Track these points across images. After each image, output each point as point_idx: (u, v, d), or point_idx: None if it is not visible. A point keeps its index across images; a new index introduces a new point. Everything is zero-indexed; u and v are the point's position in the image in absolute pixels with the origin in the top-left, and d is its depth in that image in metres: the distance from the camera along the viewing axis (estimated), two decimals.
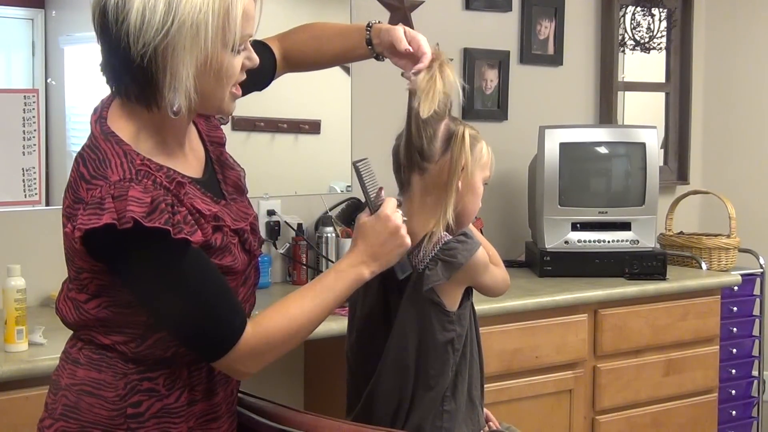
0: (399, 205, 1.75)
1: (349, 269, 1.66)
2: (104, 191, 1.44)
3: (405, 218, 1.72)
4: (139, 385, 1.55)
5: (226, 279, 1.56)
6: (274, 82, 3.28)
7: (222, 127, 1.79)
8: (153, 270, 1.47)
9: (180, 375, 1.58)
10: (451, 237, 1.85)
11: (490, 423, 2.03)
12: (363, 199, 1.75)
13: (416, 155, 1.86)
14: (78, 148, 1.54)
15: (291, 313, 1.59)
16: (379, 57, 1.87)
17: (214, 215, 1.56)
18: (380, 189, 1.73)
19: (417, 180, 1.89)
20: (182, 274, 1.48)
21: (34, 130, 2.88)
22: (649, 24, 4.20)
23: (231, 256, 1.58)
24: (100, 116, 1.54)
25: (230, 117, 1.79)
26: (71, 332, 1.65)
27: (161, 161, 1.53)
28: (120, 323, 1.54)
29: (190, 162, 1.61)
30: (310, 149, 3.46)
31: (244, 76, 1.57)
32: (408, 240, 1.71)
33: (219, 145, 1.72)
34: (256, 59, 1.58)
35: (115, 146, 1.49)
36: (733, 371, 3.91)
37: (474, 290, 1.93)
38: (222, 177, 1.68)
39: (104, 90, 1.59)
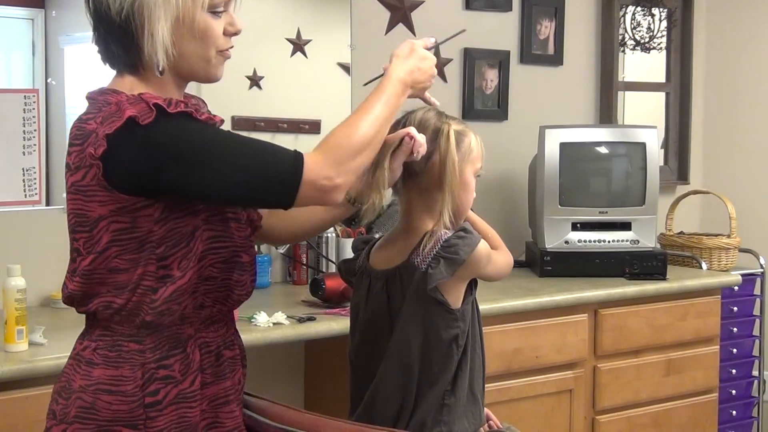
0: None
1: (396, 84, 1.70)
2: (117, 104, 1.51)
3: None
4: (156, 373, 1.57)
5: None
6: (273, 82, 3.29)
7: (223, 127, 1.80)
8: (188, 143, 1.50)
9: (193, 358, 1.61)
10: (450, 233, 1.85)
11: (491, 422, 2.03)
12: None
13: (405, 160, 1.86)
14: None
15: (346, 121, 1.64)
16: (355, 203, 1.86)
17: None
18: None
19: (409, 182, 1.89)
20: (218, 135, 1.55)
21: (34, 130, 2.87)
22: (649, 24, 4.20)
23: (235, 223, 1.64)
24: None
25: (231, 118, 1.81)
26: (73, 333, 1.66)
27: None
28: (130, 278, 1.55)
29: None
30: (310, 149, 3.45)
31: (229, 43, 1.63)
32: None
33: None
34: (239, 26, 1.63)
35: (113, 94, 1.56)
36: (734, 371, 3.91)
37: (477, 284, 1.93)
38: None
39: None
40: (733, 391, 3.92)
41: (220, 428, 1.66)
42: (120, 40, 1.56)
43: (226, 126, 1.86)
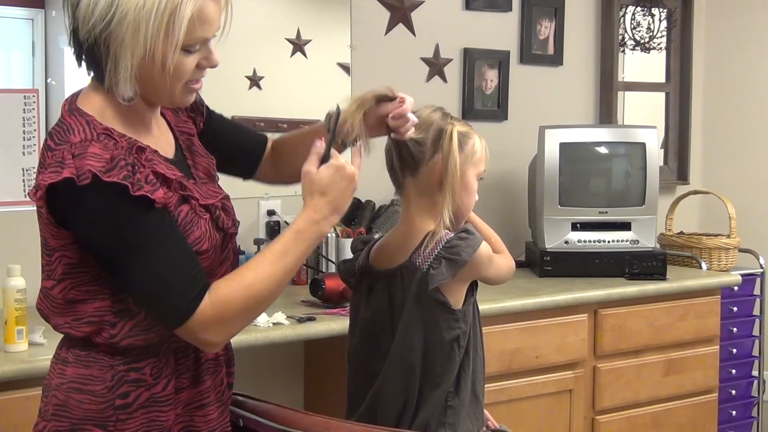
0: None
1: (310, 227, 1.58)
2: (66, 152, 1.47)
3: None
4: (126, 376, 1.56)
5: (189, 246, 1.54)
6: (273, 82, 3.27)
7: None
8: (112, 228, 1.48)
9: (167, 363, 1.60)
10: (452, 234, 1.85)
11: (488, 422, 2.03)
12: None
13: (407, 158, 1.87)
14: None
15: (249, 281, 1.54)
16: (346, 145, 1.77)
17: (179, 182, 1.56)
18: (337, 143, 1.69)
19: (411, 181, 1.89)
20: (142, 233, 1.48)
21: (34, 130, 2.88)
22: (649, 24, 4.20)
23: (199, 230, 1.57)
24: (70, 101, 1.58)
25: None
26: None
27: (126, 134, 1.54)
28: (87, 310, 1.55)
29: (160, 143, 1.62)
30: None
31: (202, 74, 1.59)
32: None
33: (189, 136, 1.74)
34: (216, 60, 1.58)
35: (78, 117, 1.53)
36: (733, 371, 3.91)
37: (478, 286, 1.93)
38: (192, 162, 1.69)
39: None
40: (733, 391, 3.92)
41: None
42: (87, 59, 1.54)
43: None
